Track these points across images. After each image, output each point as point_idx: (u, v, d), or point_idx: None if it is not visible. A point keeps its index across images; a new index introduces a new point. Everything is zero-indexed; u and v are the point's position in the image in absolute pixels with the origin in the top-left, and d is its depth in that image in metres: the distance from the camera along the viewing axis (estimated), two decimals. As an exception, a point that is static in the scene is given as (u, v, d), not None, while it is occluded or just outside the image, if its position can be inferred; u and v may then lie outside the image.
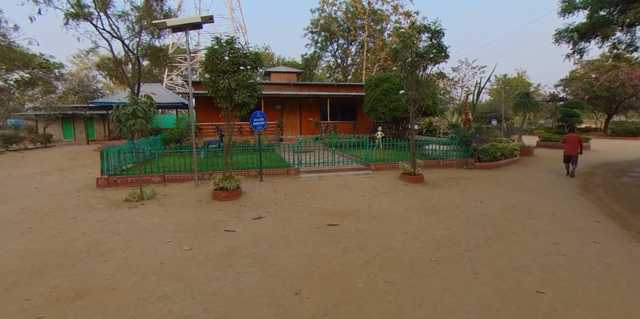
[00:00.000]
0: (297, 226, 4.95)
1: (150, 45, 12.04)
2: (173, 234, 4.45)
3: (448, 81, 33.57)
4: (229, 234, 4.60)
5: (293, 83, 18.32)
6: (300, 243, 4.28)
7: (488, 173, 9.50)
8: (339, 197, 6.75)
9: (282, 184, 8.10)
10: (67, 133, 25.69)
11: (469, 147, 10.59)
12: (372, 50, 25.50)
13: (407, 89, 8.16)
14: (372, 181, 8.45)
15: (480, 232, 4.54)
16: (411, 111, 8.20)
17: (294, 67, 31.16)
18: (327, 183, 8.15)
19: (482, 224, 4.91)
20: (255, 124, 7.91)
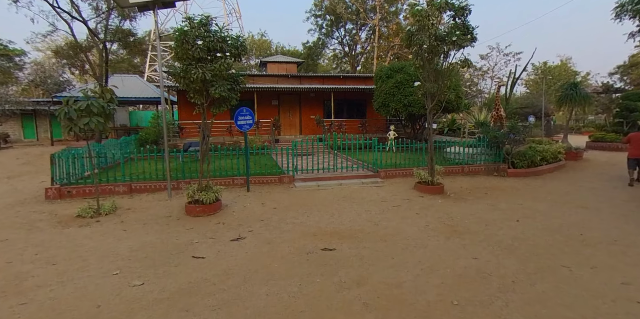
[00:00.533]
0: (283, 251, 4.51)
1: (118, 29, 11.77)
2: (125, 263, 4.04)
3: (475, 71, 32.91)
4: (197, 262, 4.18)
5: (292, 75, 18.00)
6: (284, 275, 3.83)
7: (525, 182, 8.92)
8: (339, 212, 6.28)
9: (273, 194, 7.68)
10: (28, 132, 25.59)
11: (501, 150, 10.02)
12: (384, 35, 25.02)
13: (424, 80, 7.68)
14: (380, 191, 7.97)
15: (519, 263, 4.02)
16: (428, 107, 7.71)
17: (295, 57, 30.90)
18: (327, 194, 7.70)
19: (521, 252, 4.38)
20: (240, 124, 7.52)
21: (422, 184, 7.79)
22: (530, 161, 9.94)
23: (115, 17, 11.91)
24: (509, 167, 9.93)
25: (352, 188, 8.26)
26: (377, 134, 16.90)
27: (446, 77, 7.53)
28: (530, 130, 10.02)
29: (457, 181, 9.09)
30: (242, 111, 7.54)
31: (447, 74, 7.54)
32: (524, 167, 9.86)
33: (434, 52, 7.36)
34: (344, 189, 8.19)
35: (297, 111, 18.20)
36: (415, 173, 7.94)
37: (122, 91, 17.98)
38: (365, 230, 5.30)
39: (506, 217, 5.86)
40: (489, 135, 9.79)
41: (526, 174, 9.68)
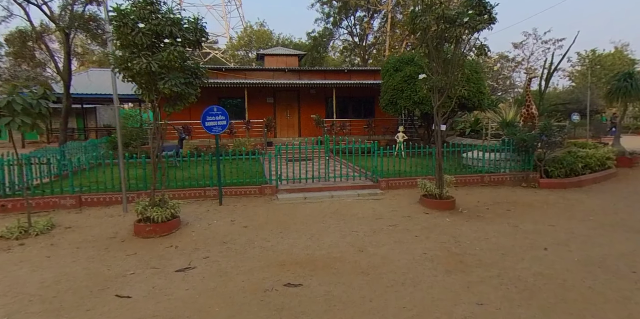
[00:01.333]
0: (235, 288, 3.92)
1: (77, 14, 11.48)
2: (21, 306, 3.52)
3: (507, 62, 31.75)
4: (118, 303, 3.63)
5: (289, 69, 17.53)
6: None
7: (561, 196, 8.09)
8: (321, 233, 5.67)
9: (249, 209, 7.14)
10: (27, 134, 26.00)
11: (531, 155, 9.21)
12: (399, 23, 24.33)
13: (430, 72, 7.02)
14: (378, 205, 7.32)
15: (541, 315, 3.30)
16: (435, 105, 7.04)
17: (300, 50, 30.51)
18: (312, 209, 7.09)
19: (545, 296, 3.65)
20: (209, 125, 7.04)
21: (428, 198, 7.09)
22: (568, 168, 9.08)
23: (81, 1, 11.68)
24: (541, 177, 9.10)
25: (345, 202, 7.63)
26: (387, 135, 16.22)
27: (457, 68, 6.84)
28: (569, 131, 9.18)
29: (474, 193, 8.33)
30: (212, 110, 7.05)
31: (458, 65, 6.85)
32: (560, 176, 9.01)
33: (443, 37, 6.70)
34: (334, 202, 7.57)
35: (296, 109, 17.71)
36: (420, 184, 7.25)
37: (94, 87, 17.92)
38: (346, 258, 4.66)
39: (531, 244, 5.11)
40: (516, 138, 8.99)
41: (563, 185, 8.82)
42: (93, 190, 7.48)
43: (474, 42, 6.77)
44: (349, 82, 15.84)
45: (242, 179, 8.20)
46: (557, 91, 34.94)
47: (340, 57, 35.87)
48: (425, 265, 4.42)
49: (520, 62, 32.68)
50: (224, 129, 7.34)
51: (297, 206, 7.33)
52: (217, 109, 7.17)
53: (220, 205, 7.45)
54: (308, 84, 15.97)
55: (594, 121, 21.97)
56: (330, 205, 7.38)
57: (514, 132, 9.19)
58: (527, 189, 8.74)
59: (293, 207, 7.24)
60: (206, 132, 15.44)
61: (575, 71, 36.94)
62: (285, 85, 15.99)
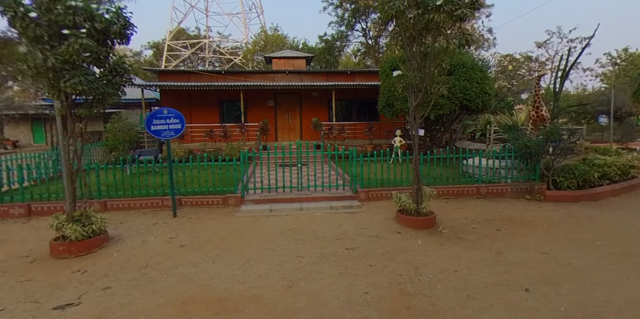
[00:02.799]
0: (104, 337, 3.00)
1: None
2: None
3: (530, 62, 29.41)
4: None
5: (289, 71, 16.62)
6: None
7: (568, 211, 6.67)
8: (260, 257, 4.66)
9: (201, 223, 6.24)
10: (38, 137, 26.77)
11: (537, 163, 7.79)
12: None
13: (405, 68, 5.88)
14: (348, 221, 6.22)
15: None
16: (411, 106, 5.88)
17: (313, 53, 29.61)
18: (271, 224, 6.10)
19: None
20: (156, 129, 6.20)
21: (404, 214, 5.92)
22: (581, 179, 7.60)
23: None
24: (548, 188, 7.67)
25: (312, 216, 6.58)
26: (389, 140, 14.95)
27: (435, 63, 5.65)
28: (580, 136, 7.69)
29: (466, 207, 7.04)
30: (161, 113, 6.22)
31: (436, 59, 5.65)
32: (571, 187, 7.54)
33: (418, 25, 5.54)
34: (300, 217, 6.54)
35: (298, 112, 16.77)
36: (395, 198, 6.07)
37: None
38: (266, 297, 3.63)
39: (509, 282, 3.87)
40: (518, 143, 7.61)
41: (574, 198, 7.36)
42: (44, 198, 6.85)
43: (457, 32, 5.54)
44: (348, 84, 14.70)
45: (205, 188, 7.32)
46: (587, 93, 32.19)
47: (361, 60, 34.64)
48: (359, 311, 3.32)
49: (544, 62, 30.29)
50: (178, 133, 6.50)
51: (256, 221, 6.36)
52: (169, 111, 6.34)
53: (173, 217, 6.60)
54: (305, 86, 14.98)
55: (626, 124, 19.67)
56: (293, 220, 6.36)
57: (516, 136, 7.80)
58: (530, 203, 7.34)
59: (251, 222, 6.27)
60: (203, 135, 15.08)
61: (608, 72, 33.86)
62: (282, 87, 15.08)
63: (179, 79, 16.19)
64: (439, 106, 10.10)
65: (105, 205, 6.97)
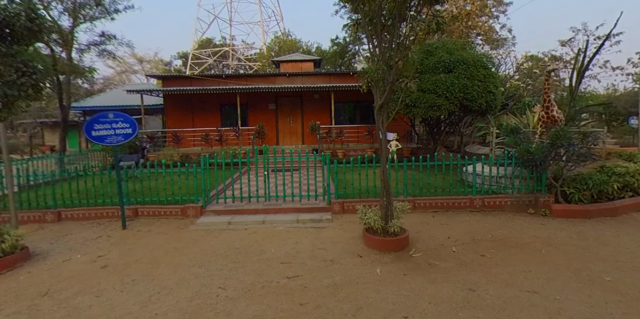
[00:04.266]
0: None
1: None
2: None
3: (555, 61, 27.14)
4: None
5: (290, 73, 15.83)
6: None
7: (578, 230, 5.40)
8: (177, 286, 3.81)
9: (145, 238, 5.49)
10: (72, 142, 27.54)
11: (543, 171, 6.51)
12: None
13: (369, 60, 4.87)
14: (309, 238, 5.26)
15: None
16: (376, 106, 4.85)
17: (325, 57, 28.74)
18: (220, 241, 5.24)
19: None
20: (98, 135, 5.50)
21: (370, 234, 4.88)
22: (596, 190, 6.25)
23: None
24: (556, 201, 6.38)
25: (273, 231, 5.67)
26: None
27: (402, 54, 4.61)
28: (595, 140, 6.33)
29: (454, 222, 5.89)
30: (104, 117, 5.52)
31: (403, 49, 4.61)
32: (584, 200, 6.21)
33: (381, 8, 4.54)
34: (257, 231, 5.64)
35: (299, 116, 15.93)
36: (360, 213, 5.04)
37: (131, 99, 17.58)
38: (144, 349, 2.75)
39: (470, 339, 2.80)
40: (519, 149, 6.37)
41: (586, 213, 6.03)
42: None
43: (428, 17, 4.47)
44: (345, 85, 13.66)
45: (164, 198, 6.57)
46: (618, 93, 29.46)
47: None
48: (243, 382, 2.37)
49: (569, 61, 27.92)
50: (127, 138, 5.80)
51: (207, 236, 5.53)
52: (116, 115, 5.64)
53: (122, 229, 5.88)
54: (302, 88, 14.09)
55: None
56: (248, 236, 5.47)
57: (518, 142, 6.55)
58: (533, 219, 6.08)
59: (201, 237, 5.44)
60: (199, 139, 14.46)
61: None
62: (278, 89, 14.27)
63: (182, 84, 15.79)
64: (435, 107, 8.94)
65: (59, 215, 6.37)
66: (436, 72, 9.08)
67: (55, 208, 6.41)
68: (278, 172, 9.57)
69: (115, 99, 19.19)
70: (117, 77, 42.70)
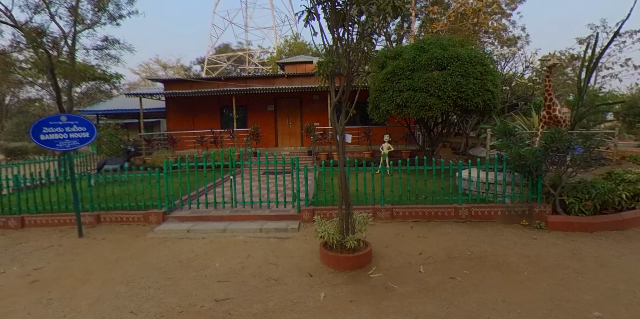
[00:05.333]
0: None
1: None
2: None
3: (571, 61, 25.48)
4: None
5: (289, 74, 15.29)
6: None
7: (574, 247, 4.55)
8: (89, 308, 3.30)
9: (96, 247, 5.06)
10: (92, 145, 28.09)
11: (539, 178, 5.66)
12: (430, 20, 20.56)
13: (326, 52, 4.21)
14: (263, 251, 4.66)
15: None
16: (332, 103, 4.18)
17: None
18: (169, 252, 4.73)
19: None
20: (48, 139, 5.10)
21: (326, 249, 4.22)
22: (600, 200, 5.35)
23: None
24: (554, 211, 5.52)
25: (230, 241, 5.11)
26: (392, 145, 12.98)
27: (364, 45, 3.94)
28: (599, 142, 5.41)
29: (433, 235, 5.14)
30: (55, 119, 5.12)
31: (365, 39, 3.94)
32: (585, 212, 5.32)
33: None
34: (214, 242, 5.09)
35: (298, 117, 15.36)
36: (315, 225, 4.38)
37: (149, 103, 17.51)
38: None
39: None
40: (510, 152, 5.54)
41: (587, 226, 5.15)
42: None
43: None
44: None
45: (127, 203, 6.13)
46: (638, 93, 27.43)
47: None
48: None
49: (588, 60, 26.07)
50: (84, 143, 5.38)
51: (159, 245, 5.02)
52: (70, 118, 5.24)
53: (79, 237, 5.47)
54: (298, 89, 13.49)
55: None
56: (201, 246, 4.92)
57: (509, 144, 5.72)
58: (525, 232, 5.24)
59: (150, 247, 4.95)
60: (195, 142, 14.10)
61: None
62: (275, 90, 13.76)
63: (183, 88, 15.55)
64: (427, 107, 8.15)
65: (22, 221, 6.04)
66: (428, 70, 8.28)
67: (20, 214, 6.09)
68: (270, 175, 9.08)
69: (128, 103, 19.19)
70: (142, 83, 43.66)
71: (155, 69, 47.91)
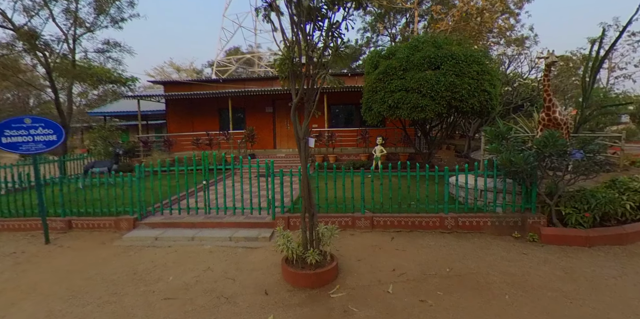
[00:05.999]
0: None
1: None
2: None
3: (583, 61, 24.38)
4: None
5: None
6: None
7: (566, 266, 4.01)
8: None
9: (59, 255, 4.78)
10: None
11: (532, 186, 5.12)
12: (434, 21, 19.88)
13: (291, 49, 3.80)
14: (226, 263, 4.28)
15: None
16: (293, 104, 3.77)
17: (339, 59, 27.59)
18: (128, 261, 4.41)
19: None
20: (9, 142, 4.84)
21: (287, 265, 3.80)
22: (601, 211, 4.78)
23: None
24: (549, 223, 4.98)
25: (195, 250, 4.75)
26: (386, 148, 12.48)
27: (328, 40, 3.52)
28: (600, 146, 4.83)
29: (412, 248, 4.66)
30: (18, 121, 4.86)
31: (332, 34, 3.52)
32: (583, 224, 4.76)
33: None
34: (179, 251, 4.74)
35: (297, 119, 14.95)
36: (278, 238, 3.96)
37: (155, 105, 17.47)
38: None
39: None
40: (500, 158, 5.02)
41: (586, 240, 4.59)
42: None
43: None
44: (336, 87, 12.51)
45: (98, 209, 5.84)
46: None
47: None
48: None
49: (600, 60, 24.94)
50: (51, 146, 5.11)
51: (121, 254, 4.71)
52: (34, 120, 4.98)
53: (45, 244, 5.21)
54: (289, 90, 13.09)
55: None
56: (163, 256, 4.58)
57: (499, 149, 5.19)
58: (516, 245, 4.72)
59: (111, 257, 4.63)
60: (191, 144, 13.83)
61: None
62: (269, 92, 13.43)
63: (183, 90, 15.38)
64: (419, 108, 7.65)
65: (35, 225, 5.82)
66: (421, 69, 7.79)
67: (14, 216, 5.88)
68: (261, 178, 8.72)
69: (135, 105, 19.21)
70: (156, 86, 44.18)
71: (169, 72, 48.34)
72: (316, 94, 3.73)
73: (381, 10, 25.02)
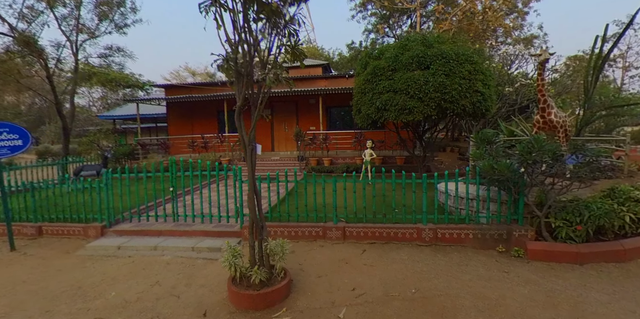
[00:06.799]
0: None
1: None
2: None
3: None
4: None
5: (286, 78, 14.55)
6: None
7: (550, 288, 3.48)
8: None
9: (17, 264, 4.58)
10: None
11: (519, 195, 4.58)
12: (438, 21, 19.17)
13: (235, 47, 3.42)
14: (177, 278, 3.94)
15: None
16: (237, 108, 3.40)
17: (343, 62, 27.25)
18: (80, 273, 4.14)
19: None
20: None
21: (232, 283, 3.41)
22: (595, 224, 4.20)
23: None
24: (538, 236, 4.44)
25: (153, 261, 4.44)
26: (382, 151, 11.98)
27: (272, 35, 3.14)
28: (596, 152, 4.25)
29: (381, 264, 4.20)
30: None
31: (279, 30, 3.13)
32: (575, 239, 4.20)
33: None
34: (135, 262, 4.44)
35: (294, 122, 14.65)
36: (225, 253, 3.58)
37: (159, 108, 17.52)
38: None
39: None
40: (483, 164, 4.50)
41: (577, 257, 4.03)
42: None
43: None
44: (334, 88, 12.12)
45: (68, 215, 5.62)
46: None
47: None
48: None
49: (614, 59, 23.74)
50: (16, 151, 4.91)
51: (79, 265, 4.44)
52: (6, 126, 4.78)
53: (10, 251, 5.01)
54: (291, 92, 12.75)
55: None
56: (117, 268, 4.28)
57: (482, 155, 4.67)
58: (498, 261, 4.20)
59: (66, 268, 4.37)
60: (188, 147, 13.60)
61: None
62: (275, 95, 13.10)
63: (183, 93, 15.27)
64: (407, 110, 7.16)
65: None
66: (410, 69, 7.29)
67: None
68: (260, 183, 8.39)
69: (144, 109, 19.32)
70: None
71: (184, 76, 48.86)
72: (261, 98, 3.34)
73: (385, 12, 24.46)
